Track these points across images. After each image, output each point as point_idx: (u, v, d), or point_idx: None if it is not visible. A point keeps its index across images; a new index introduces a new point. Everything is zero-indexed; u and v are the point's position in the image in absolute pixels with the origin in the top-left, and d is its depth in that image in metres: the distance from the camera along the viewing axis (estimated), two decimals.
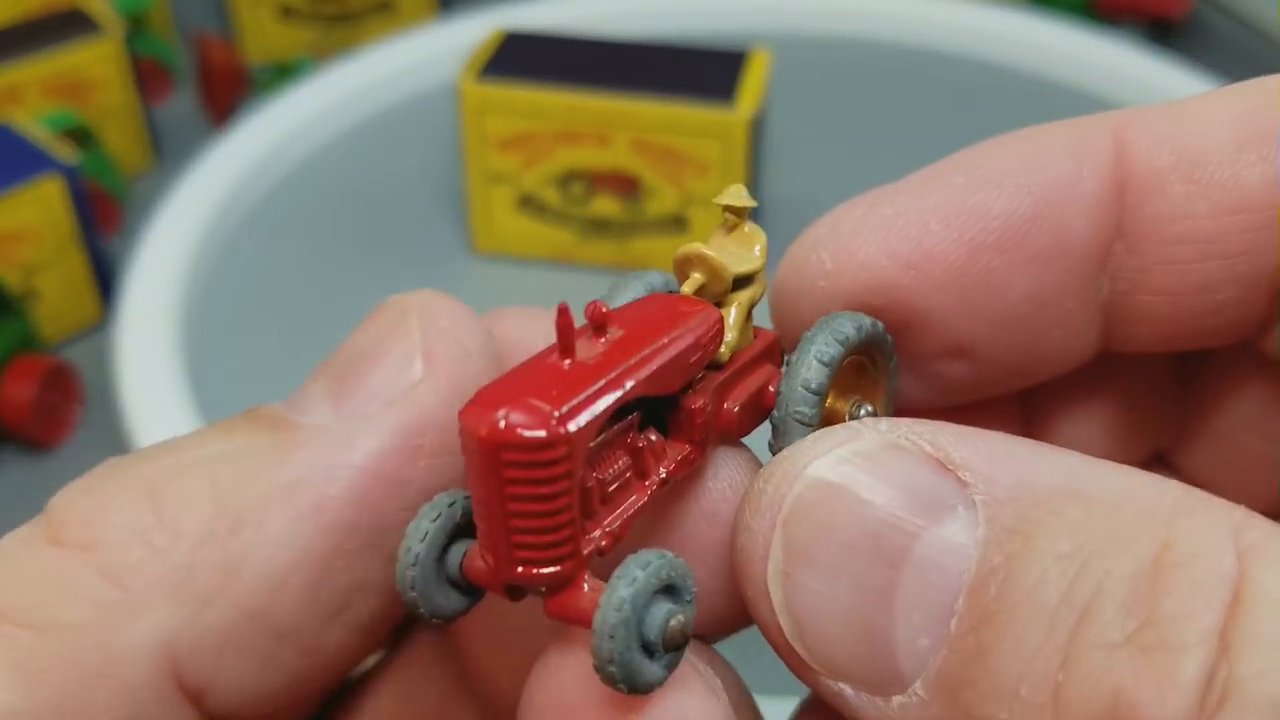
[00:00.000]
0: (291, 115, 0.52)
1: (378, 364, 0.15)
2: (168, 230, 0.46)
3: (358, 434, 0.15)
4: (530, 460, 0.13)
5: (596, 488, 0.14)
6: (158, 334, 0.41)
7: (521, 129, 0.43)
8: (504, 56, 0.44)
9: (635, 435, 0.15)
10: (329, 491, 0.14)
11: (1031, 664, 0.12)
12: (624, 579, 0.13)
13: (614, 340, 0.14)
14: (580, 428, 0.13)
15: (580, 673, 0.14)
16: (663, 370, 0.14)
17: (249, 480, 0.14)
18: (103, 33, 0.53)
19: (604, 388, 0.14)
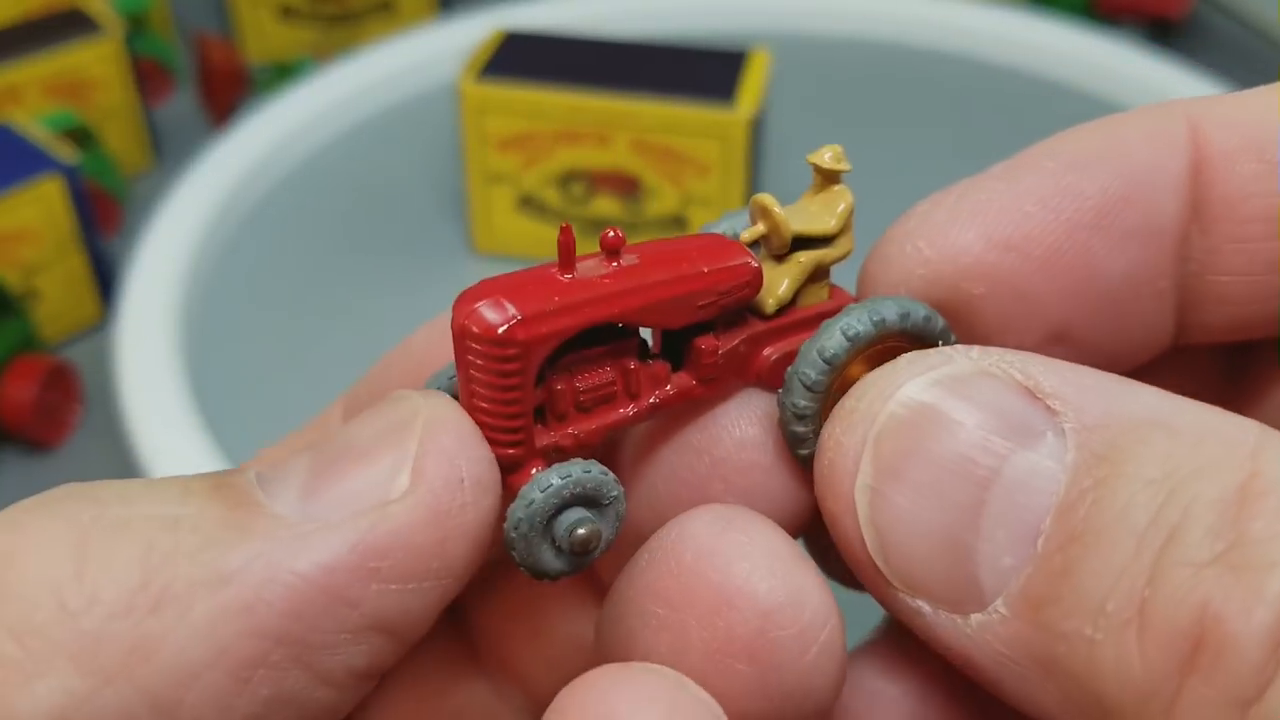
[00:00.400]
0: (292, 115, 0.52)
1: (362, 466, 0.14)
2: (168, 230, 0.46)
3: (313, 539, 0.13)
4: (485, 353, 0.14)
5: (569, 395, 0.15)
6: (158, 334, 0.41)
7: (521, 129, 0.43)
8: (504, 57, 0.44)
9: (631, 359, 0.15)
10: (264, 595, 0.13)
11: (1118, 581, 0.13)
12: (539, 482, 0.14)
13: (622, 267, 0.15)
14: (536, 335, 0.14)
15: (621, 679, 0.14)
16: (660, 304, 0.15)
17: (186, 558, 0.13)
18: (103, 33, 0.53)
19: (581, 305, 0.14)
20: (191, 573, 0.13)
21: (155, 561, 0.13)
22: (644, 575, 0.15)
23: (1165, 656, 0.12)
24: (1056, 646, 0.13)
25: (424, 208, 0.50)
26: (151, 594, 0.13)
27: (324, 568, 0.13)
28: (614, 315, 0.15)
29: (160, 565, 0.13)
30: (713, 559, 0.14)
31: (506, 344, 0.14)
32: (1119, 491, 0.13)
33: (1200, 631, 0.12)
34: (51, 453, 0.44)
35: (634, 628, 0.15)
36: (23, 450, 0.44)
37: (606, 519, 0.15)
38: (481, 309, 0.14)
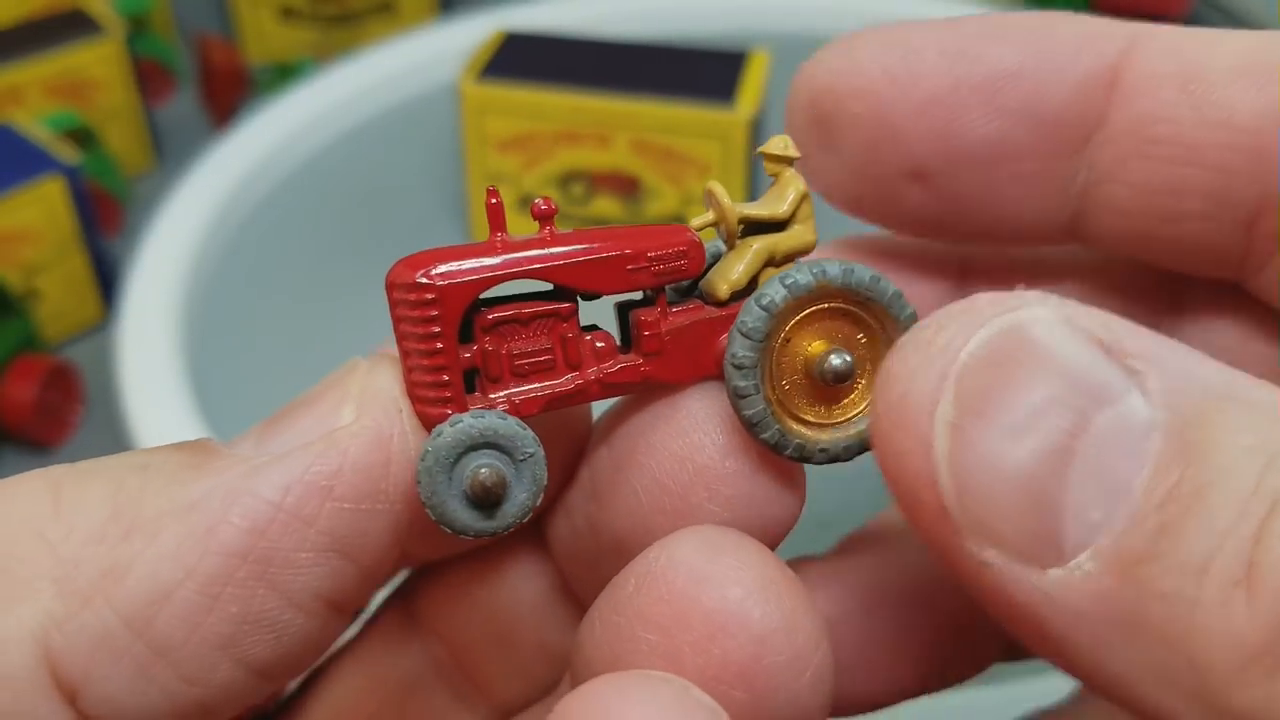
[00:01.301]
0: (292, 116, 0.52)
1: (309, 410, 0.15)
2: (169, 231, 0.46)
3: (268, 467, 0.14)
4: (405, 300, 0.15)
5: (502, 357, 0.15)
6: (159, 334, 0.41)
7: (522, 129, 0.43)
8: (504, 57, 0.44)
9: (567, 325, 0.16)
10: (226, 516, 0.14)
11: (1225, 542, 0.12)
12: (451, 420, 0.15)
13: (551, 233, 0.15)
14: (451, 283, 0.15)
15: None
16: (585, 265, 0.15)
17: (152, 493, 0.14)
18: (104, 34, 0.53)
19: (503, 263, 0.15)
20: (158, 503, 0.14)
21: (124, 497, 0.14)
22: (633, 601, 0.15)
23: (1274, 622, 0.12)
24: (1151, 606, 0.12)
25: (424, 208, 0.50)
26: (122, 524, 0.14)
27: (280, 487, 0.14)
28: (534, 270, 0.15)
29: (129, 499, 0.14)
30: (706, 585, 0.14)
31: (424, 290, 0.15)
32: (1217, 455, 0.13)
33: None
34: (52, 452, 0.44)
35: (623, 653, 0.15)
36: (24, 450, 0.44)
37: (521, 478, 0.15)
38: (405, 263, 0.15)
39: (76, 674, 0.14)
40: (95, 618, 0.13)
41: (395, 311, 0.15)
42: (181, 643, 0.14)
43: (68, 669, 0.13)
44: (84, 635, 0.13)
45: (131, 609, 0.14)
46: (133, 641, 0.14)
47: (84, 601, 0.13)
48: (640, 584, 0.15)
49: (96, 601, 0.14)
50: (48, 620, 0.13)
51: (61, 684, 0.13)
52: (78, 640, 0.13)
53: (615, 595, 0.15)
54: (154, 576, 0.14)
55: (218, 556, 0.14)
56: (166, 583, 0.14)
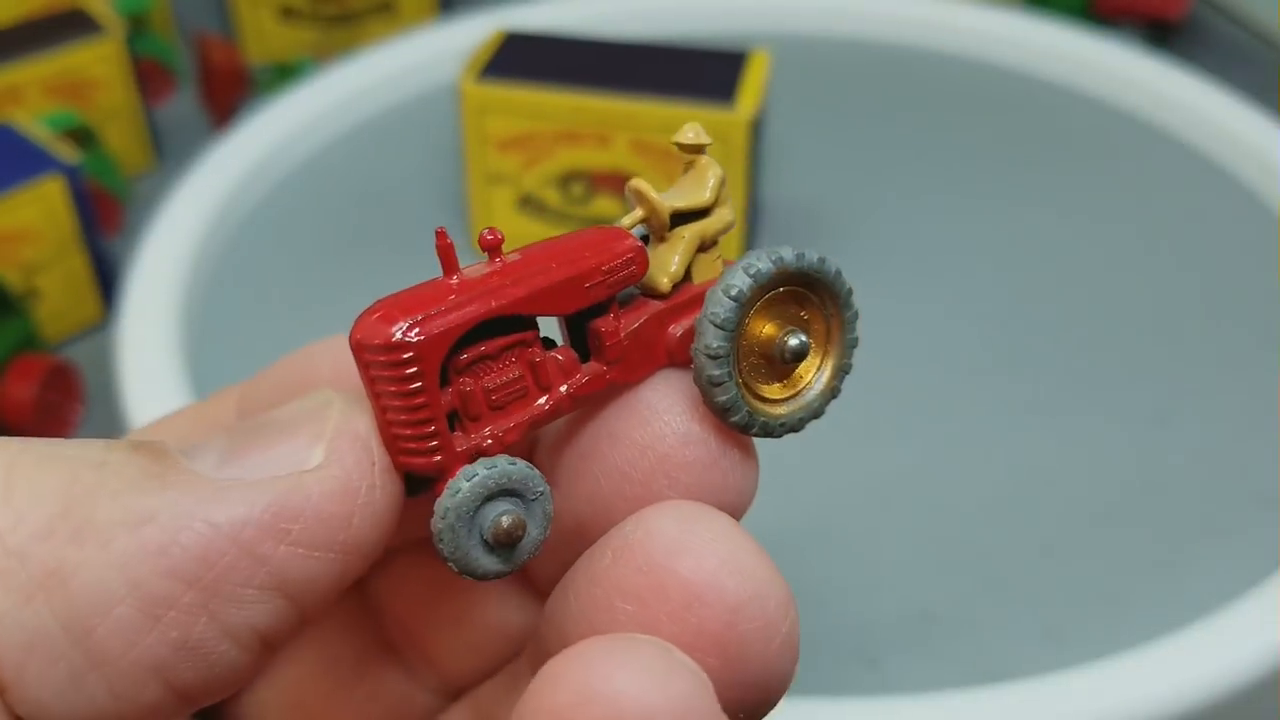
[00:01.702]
0: (293, 116, 0.52)
1: (280, 441, 0.15)
2: (169, 230, 0.46)
3: (230, 494, 0.14)
4: (383, 362, 0.14)
5: (478, 395, 0.15)
6: (159, 333, 0.41)
7: (522, 129, 0.43)
8: (504, 57, 0.44)
9: (533, 350, 0.16)
10: (180, 539, 0.14)
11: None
12: (465, 473, 0.15)
13: (504, 264, 0.16)
14: (427, 337, 0.15)
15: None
16: (547, 290, 0.16)
17: (107, 495, 0.14)
18: (104, 33, 0.53)
19: (468, 302, 0.15)
20: (112, 510, 0.13)
21: (78, 493, 0.14)
22: (611, 572, 0.15)
23: None
24: None
25: (425, 208, 0.50)
26: (72, 523, 0.13)
27: (238, 521, 0.14)
28: (504, 307, 0.15)
29: (82, 498, 0.14)
30: (684, 556, 0.15)
31: (401, 349, 0.14)
32: None
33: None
34: None
35: (600, 622, 0.15)
36: None
37: (534, 516, 0.15)
38: (373, 321, 0.15)
39: (7, 672, 0.13)
40: (34, 617, 0.13)
41: (368, 373, 0.15)
42: (117, 658, 0.13)
43: (0, 663, 0.13)
44: (20, 633, 0.13)
45: (72, 615, 0.13)
46: (69, 648, 0.13)
47: (25, 599, 0.13)
48: (618, 556, 0.15)
49: (37, 600, 0.13)
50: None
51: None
52: (13, 637, 0.13)
53: (592, 567, 0.15)
54: (99, 586, 0.13)
55: (166, 579, 0.13)
56: (110, 595, 0.13)
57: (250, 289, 0.46)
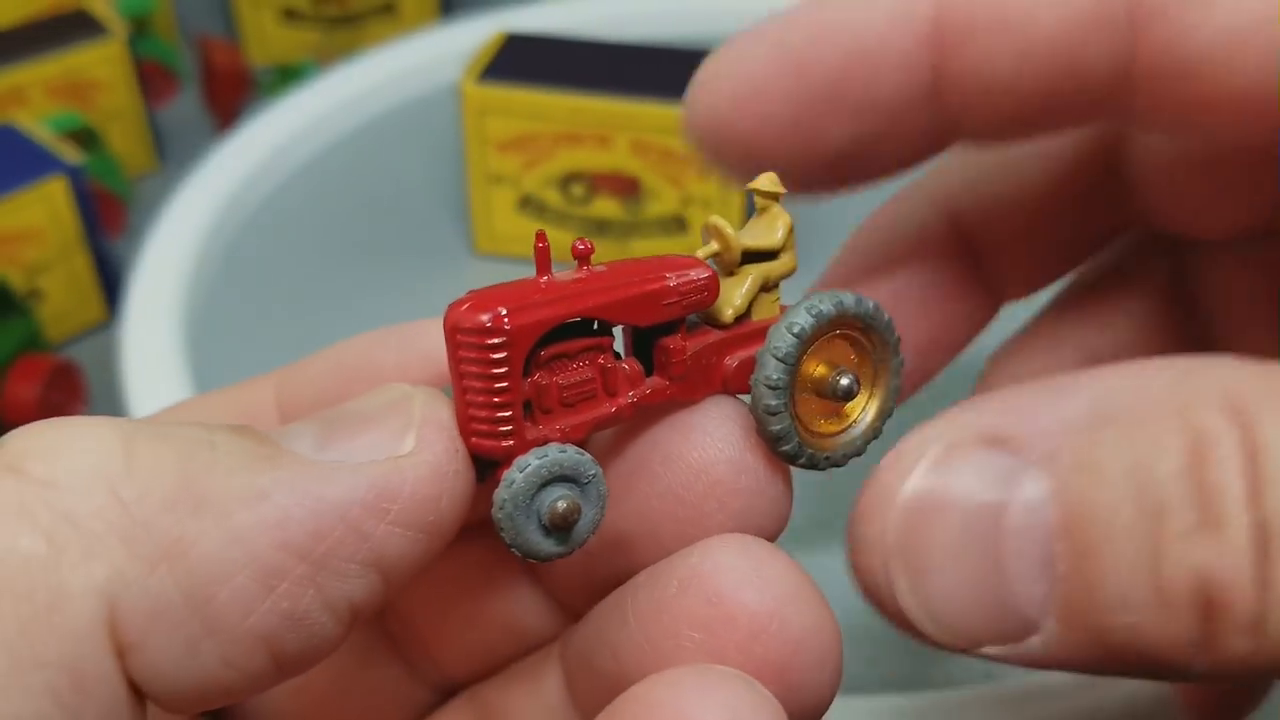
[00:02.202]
0: (294, 117, 0.53)
1: (372, 427, 0.16)
2: (172, 231, 0.46)
3: (336, 474, 0.15)
4: (474, 344, 0.16)
5: (554, 390, 0.16)
6: (161, 334, 0.41)
7: (522, 130, 0.43)
8: (505, 59, 0.44)
9: (606, 356, 0.17)
10: (294, 514, 0.14)
11: (1134, 572, 0.15)
12: (519, 464, 0.16)
13: (591, 272, 0.17)
14: (520, 325, 0.16)
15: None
16: (626, 301, 0.17)
17: (224, 472, 0.14)
18: (107, 35, 0.54)
19: (559, 301, 0.16)
20: (229, 485, 0.14)
21: (195, 470, 0.14)
22: (678, 601, 0.16)
23: (1186, 615, 0.14)
24: (1107, 637, 0.15)
25: (426, 209, 0.50)
26: (192, 496, 0.14)
27: (345, 501, 0.15)
28: (589, 310, 0.17)
29: (200, 474, 0.14)
30: (749, 589, 0.16)
31: (493, 334, 0.15)
32: (1100, 499, 0.15)
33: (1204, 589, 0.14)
34: None
35: (668, 649, 0.16)
36: None
37: (589, 497, 0.16)
38: (469, 308, 0.16)
39: (132, 636, 0.14)
40: (159, 585, 0.14)
41: (458, 354, 0.16)
42: (232, 626, 0.14)
43: (125, 630, 0.14)
44: (146, 600, 0.14)
45: (193, 584, 0.14)
46: (189, 616, 0.14)
47: (150, 567, 0.14)
48: (684, 586, 0.16)
49: (161, 569, 0.14)
50: (116, 579, 0.14)
51: (116, 643, 0.14)
52: (140, 602, 0.14)
53: (657, 595, 0.16)
54: (219, 557, 0.14)
55: (280, 552, 0.14)
56: (230, 566, 0.14)
57: (252, 289, 0.46)
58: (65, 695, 0.13)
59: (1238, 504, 0.14)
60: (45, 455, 0.14)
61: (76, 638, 0.13)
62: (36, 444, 0.14)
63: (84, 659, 0.13)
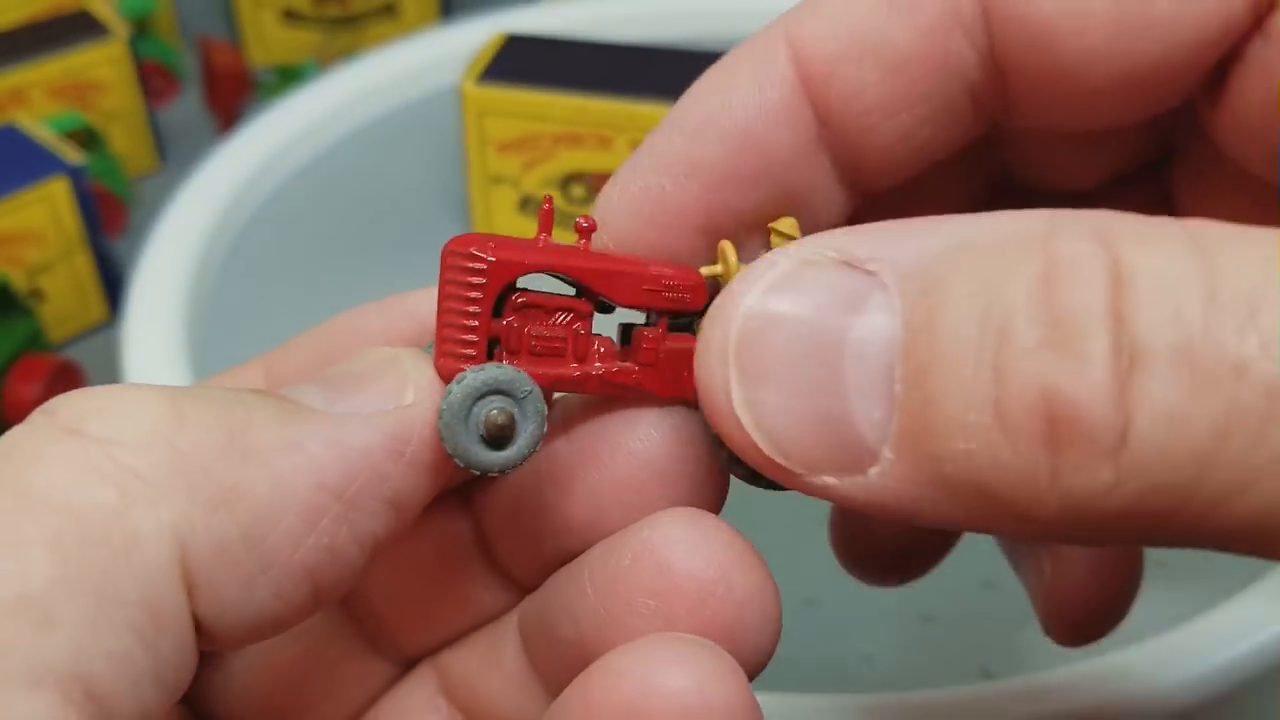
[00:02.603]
0: (295, 118, 0.53)
1: (373, 383, 0.17)
2: (173, 231, 0.46)
3: (354, 424, 0.17)
4: (458, 265, 0.17)
5: (524, 336, 0.18)
6: (163, 334, 0.41)
7: (523, 131, 0.43)
8: (505, 59, 0.44)
9: (582, 325, 0.18)
10: (326, 460, 0.16)
11: (971, 392, 0.14)
12: (458, 379, 0.17)
13: (585, 245, 0.18)
14: (501, 260, 0.17)
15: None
16: (608, 273, 0.18)
17: (260, 426, 0.16)
18: (108, 36, 0.54)
19: (544, 254, 0.18)
20: (269, 437, 0.16)
21: (236, 425, 0.16)
22: (632, 571, 0.17)
23: (1031, 441, 0.14)
24: (943, 468, 0.15)
25: (427, 209, 0.50)
26: (238, 448, 0.16)
27: (368, 446, 0.16)
28: (570, 269, 0.18)
29: (240, 428, 0.16)
30: (697, 557, 0.17)
31: (477, 260, 0.17)
32: (946, 316, 0.15)
33: (1051, 409, 0.14)
34: None
35: (622, 614, 0.17)
36: None
37: (525, 412, 0.17)
38: (465, 238, 0.17)
39: (200, 574, 0.15)
40: (220, 527, 0.15)
41: (446, 274, 0.17)
42: (283, 562, 0.16)
43: (193, 568, 0.15)
44: (210, 540, 0.15)
45: (249, 524, 0.15)
46: (246, 553, 0.15)
47: (212, 510, 0.15)
48: (638, 558, 0.17)
49: (221, 512, 0.15)
50: (183, 523, 0.15)
51: (187, 581, 0.15)
52: (205, 544, 0.15)
53: (612, 566, 0.18)
54: (269, 498, 0.16)
55: (319, 493, 0.16)
56: (278, 507, 0.16)
57: (253, 289, 0.46)
58: (146, 631, 0.14)
59: (1097, 322, 0.14)
60: (102, 416, 0.15)
61: (153, 577, 0.15)
62: (91, 406, 0.15)
63: (161, 596, 0.15)
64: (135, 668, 0.14)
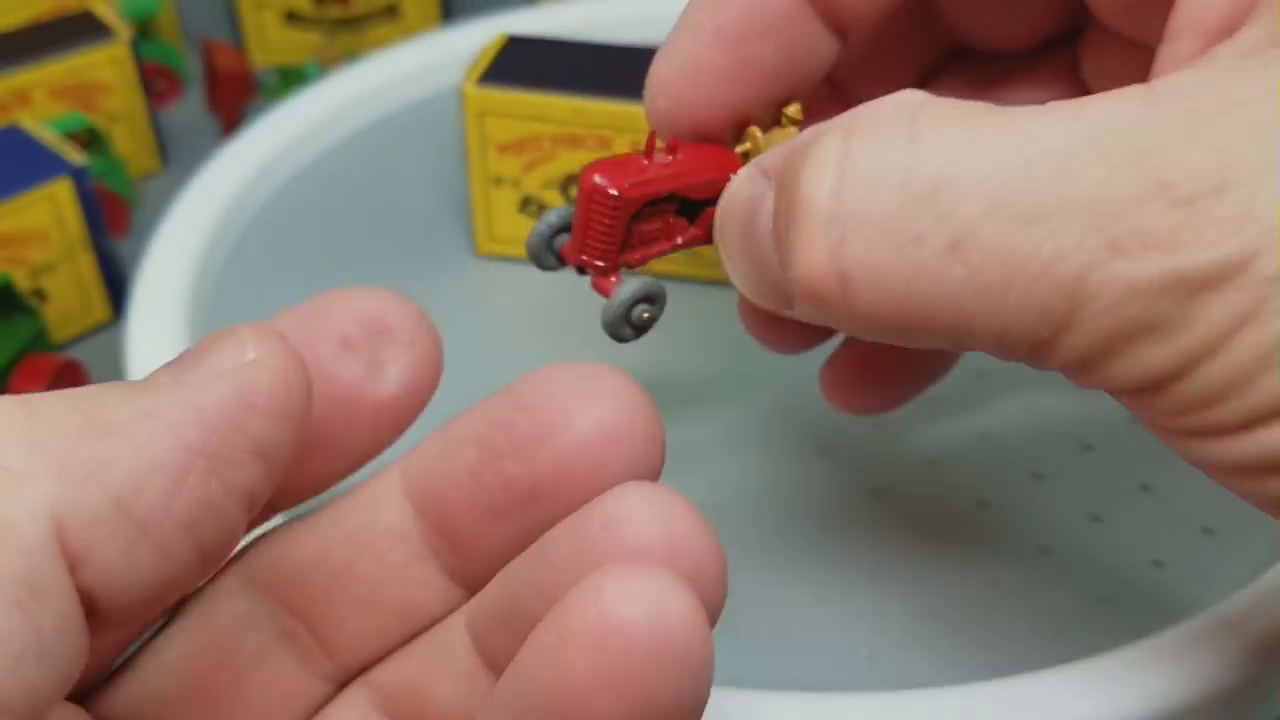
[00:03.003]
0: (297, 119, 0.53)
1: (214, 352, 0.19)
2: (176, 232, 0.46)
3: (204, 386, 0.18)
4: (601, 202, 0.24)
5: (639, 232, 0.25)
6: (166, 334, 0.41)
7: (523, 132, 0.43)
8: (506, 61, 0.44)
9: (670, 213, 0.26)
10: (182, 421, 0.17)
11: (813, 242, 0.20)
12: (620, 290, 0.25)
13: (677, 159, 0.25)
14: (630, 196, 0.24)
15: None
16: (695, 186, 0.25)
17: (113, 405, 0.17)
18: (111, 37, 0.54)
19: (656, 181, 0.25)
20: (124, 410, 0.17)
21: (89, 409, 0.17)
22: (604, 537, 0.19)
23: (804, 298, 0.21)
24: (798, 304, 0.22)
25: (429, 210, 0.50)
26: (95, 428, 0.17)
27: (219, 402, 0.18)
28: (671, 189, 0.25)
29: (94, 411, 0.17)
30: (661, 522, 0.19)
31: (614, 198, 0.24)
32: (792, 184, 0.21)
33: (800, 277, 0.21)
34: None
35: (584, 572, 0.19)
36: None
37: (658, 305, 0.26)
38: (600, 177, 0.24)
39: (79, 547, 0.16)
40: (92, 499, 0.16)
41: (590, 204, 0.24)
42: (159, 522, 0.17)
43: (72, 543, 0.16)
44: (84, 513, 0.16)
45: (120, 492, 0.16)
46: (122, 520, 0.16)
47: (80, 485, 0.16)
48: (608, 523, 0.19)
49: (91, 486, 0.16)
50: (55, 500, 0.16)
51: (67, 556, 0.16)
52: (79, 517, 0.16)
53: (580, 535, 0.19)
54: (135, 466, 0.17)
55: (182, 451, 0.17)
56: (143, 470, 0.17)
57: (256, 289, 0.47)
58: (26, 603, 0.15)
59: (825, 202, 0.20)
60: None
61: (28, 552, 0.15)
62: None
63: (38, 569, 0.15)
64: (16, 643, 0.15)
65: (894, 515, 0.36)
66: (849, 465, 0.37)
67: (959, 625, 0.33)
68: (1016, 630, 0.33)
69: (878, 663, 0.32)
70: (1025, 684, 0.30)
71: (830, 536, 0.35)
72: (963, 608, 0.33)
